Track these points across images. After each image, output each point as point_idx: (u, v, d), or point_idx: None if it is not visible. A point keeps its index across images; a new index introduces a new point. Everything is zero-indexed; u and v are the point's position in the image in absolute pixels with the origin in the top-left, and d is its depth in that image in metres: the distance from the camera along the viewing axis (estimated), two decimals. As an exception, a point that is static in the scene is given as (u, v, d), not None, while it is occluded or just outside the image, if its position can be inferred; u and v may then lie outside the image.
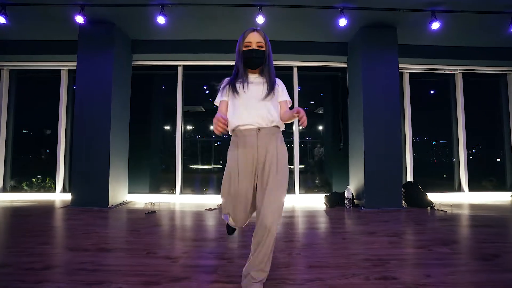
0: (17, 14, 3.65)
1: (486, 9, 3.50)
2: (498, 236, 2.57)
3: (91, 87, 3.91)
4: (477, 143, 5.28)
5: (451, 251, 2.14)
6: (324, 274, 1.73)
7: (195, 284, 1.59)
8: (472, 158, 5.15)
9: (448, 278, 1.66)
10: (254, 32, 1.48)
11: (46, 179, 4.84)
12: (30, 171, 4.88)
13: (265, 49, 1.49)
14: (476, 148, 5.30)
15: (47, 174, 4.85)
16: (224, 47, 4.49)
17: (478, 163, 5.22)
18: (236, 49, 1.54)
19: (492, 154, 5.33)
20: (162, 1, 3.43)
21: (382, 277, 1.67)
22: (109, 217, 3.31)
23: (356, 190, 4.20)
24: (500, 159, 5.27)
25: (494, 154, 5.32)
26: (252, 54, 1.45)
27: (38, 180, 4.84)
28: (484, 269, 1.81)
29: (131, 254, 2.06)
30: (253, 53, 1.45)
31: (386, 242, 2.38)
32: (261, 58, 1.48)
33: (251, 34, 1.47)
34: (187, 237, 2.53)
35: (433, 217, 3.41)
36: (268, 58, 1.51)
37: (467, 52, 4.71)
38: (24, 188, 4.80)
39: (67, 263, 1.86)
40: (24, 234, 2.55)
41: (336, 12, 3.61)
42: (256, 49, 1.45)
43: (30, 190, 4.79)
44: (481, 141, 5.31)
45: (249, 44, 1.47)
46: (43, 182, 4.84)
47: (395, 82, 4.06)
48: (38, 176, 4.85)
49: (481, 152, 5.34)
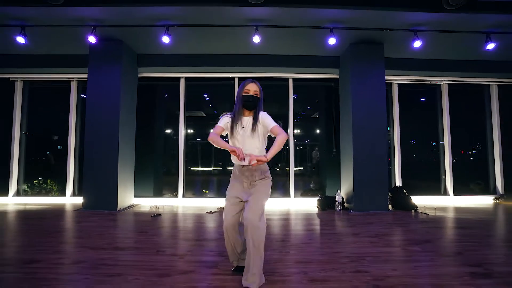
0: (33, 33, 3.97)
1: (463, 29, 3.84)
2: (467, 236, 2.88)
3: (101, 98, 4.24)
4: (465, 148, 5.61)
5: (421, 250, 2.46)
6: (307, 268, 2.04)
7: (199, 276, 1.90)
8: (455, 160, 5.46)
9: (411, 271, 1.98)
10: (253, 83, 1.92)
11: (47, 181, 5.14)
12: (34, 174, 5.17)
13: (259, 96, 1.92)
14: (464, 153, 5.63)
15: (48, 177, 5.14)
16: (222, 61, 4.83)
17: (465, 167, 5.54)
18: (236, 94, 1.97)
19: (479, 159, 5.65)
20: (167, 22, 3.76)
21: (356, 271, 1.99)
22: (118, 220, 3.63)
23: (346, 194, 4.52)
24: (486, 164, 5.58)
25: (481, 159, 5.64)
26: (249, 98, 1.88)
27: (39, 181, 5.13)
28: (445, 264, 2.12)
29: (142, 252, 2.38)
30: (250, 98, 1.88)
31: (367, 242, 2.70)
32: (255, 102, 1.90)
33: (250, 84, 1.91)
34: (190, 238, 2.85)
35: (415, 219, 3.73)
36: (259, 104, 1.93)
37: (451, 65, 5.04)
38: (25, 190, 5.08)
39: (89, 259, 2.18)
40: (45, 235, 2.86)
41: (327, 31, 3.94)
42: (252, 96, 1.88)
43: (32, 192, 5.06)
44: (469, 146, 5.64)
45: (248, 91, 1.89)
46: (44, 184, 5.13)
47: (382, 93, 4.39)
48: (39, 178, 5.13)
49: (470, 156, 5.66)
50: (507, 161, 5.41)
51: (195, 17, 3.64)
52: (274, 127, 1.86)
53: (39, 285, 1.73)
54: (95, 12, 3.52)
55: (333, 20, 3.73)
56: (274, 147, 1.76)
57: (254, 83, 1.92)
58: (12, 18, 3.63)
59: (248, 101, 1.88)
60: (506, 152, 5.41)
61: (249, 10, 3.49)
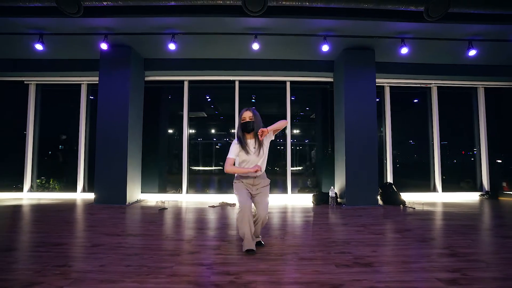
0: (49, 41, 4.29)
1: (446, 37, 4.15)
2: (445, 226, 3.19)
3: (111, 100, 4.56)
4: (455, 147, 5.92)
5: (400, 236, 2.77)
6: (299, 250, 2.35)
7: (204, 255, 2.22)
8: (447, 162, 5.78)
9: (389, 252, 2.29)
10: (247, 111, 2.39)
11: (50, 180, 5.44)
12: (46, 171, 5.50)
13: (253, 120, 2.37)
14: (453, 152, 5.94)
15: (58, 174, 5.46)
16: (224, 65, 5.15)
17: (455, 167, 5.85)
18: (238, 121, 2.46)
19: (468, 158, 5.96)
20: (173, 31, 4.07)
21: (340, 252, 2.30)
22: (128, 212, 3.95)
23: (339, 190, 4.83)
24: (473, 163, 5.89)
25: (470, 158, 5.95)
26: (246, 125, 2.36)
27: (42, 181, 5.44)
28: (419, 247, 2.43)
29: (153, 238, 2.69)
30: (247, 124, 2.36)
31: (353, 231, 3.01)
32: (252, 126, 2.36)
33: (245, 112, 2.38)
34: (195, 227, 3.17)
35: (403, 213, 4.04)
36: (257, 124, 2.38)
37: (440, 69, 5.35)
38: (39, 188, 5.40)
39: (108, 243, 2.49)
40: (64, 224, 3.18)
41: (321, 39, 4.25)
42: (248, 121, 2.35)
43: (36, 190, 5.38)
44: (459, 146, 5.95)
45: (244, 119, 2.37)
46: (47, 183, 5.44)
47: (373, 96, 4.70)
48: (42, 177, 5.44)
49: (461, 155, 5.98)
50: (492, 160, 5.72)
51: (199, 26, 3.96)
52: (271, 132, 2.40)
53: (70, 261, 2.05)
54: (107, 22, 3.85)
55: (326, 29, 4.05)
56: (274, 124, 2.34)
57: (248, 110, 2.38)
58: (31, 27, 3.95)
59: (246, 127, 2.35)
60: (491, 151, 5.72)
61: (248, 20, 3.80)
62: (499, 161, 5.90)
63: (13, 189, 5.37)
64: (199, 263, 2.04)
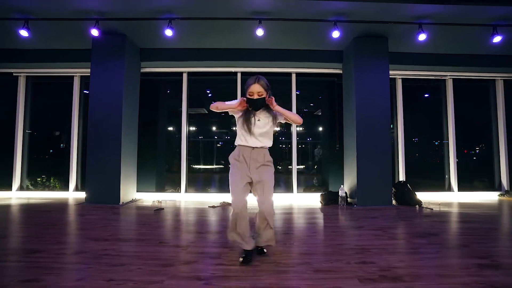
0: (36, 27, 3.97)
1: (469, 22, 3.78)
2: (472, 230, 2.85)
3: (104, 93, 4.23)
4: (470, 144, 5.56)
5: (426, 242, 2.43)
6: (311, 259, 2.02)
7: (202, 266, 1.89)
8: (458, 160, 5.42)
9: (417, 262, 1.96)
10: (255, 84, 1.87)
11: (50, 179, 5.15)
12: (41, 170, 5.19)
13: (264, 96, 1.90)
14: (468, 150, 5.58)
15: (51, 174, 5.16)
16: (226, 55, 4.80)
17: (469, 165, 5.49)
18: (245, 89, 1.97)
19: (484, 156, 5.60)
20: (170, 16, 3.73)
21: (361, 262, 1.96)
22: (121, 213, 3.63)
23: (349, 189, 4.49)
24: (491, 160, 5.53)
25: (486, 155, 5.59)
26: (255, 102, 1.90)
27: (43, 179, 5.15)
28: (450, 256, 2.09)
29: (145, 244, 2.36)
30: (256, 101, 1.90)
31: (371, 235, 2.67)
32: (262, 103, 1.91)
33: (253, 86, 1.87)
34: (193, 230, 2.84)
35: (420, 214, 3.69)
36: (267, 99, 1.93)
37: (456, 59, 4.98)
38: (29, 187, 5.10)
39: (92, 250, 2.17)
40: (48, 227, 2.86)
41: (330, 25, 3.90)
42: (257, 98, 1.89)
43: (35, 189, 5.09)
44: (473, 143, 5.59)
45: (252, 94, 1.89)
46: (47, 182, 5.15)
47: (386, 88, 4.34)
48: (42, 176, 5.15)
49: (474, 154, 5.61)
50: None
51: (198, 9, 3.61)
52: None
53: (41, 273, 1.72)
54: (98, 4, 3.51)
55: (336, 12, 3.69)
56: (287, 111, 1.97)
57: (256, 83, 1.88)
58: (15, 11, 3.62)
59: (255, 105, 1.91)
60: (511, 148, 5.35)
61: (252, 2, 3.46)
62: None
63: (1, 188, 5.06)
64: (196, 276, 1.72)
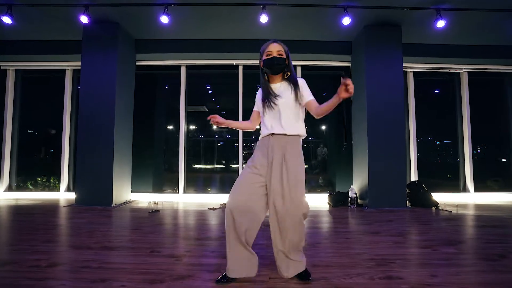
0: (23, 15, 3.68)
1: (491, 7, 3.46)
2: (505, 236, 2.53)
3: (95, 86, 3.93)
4: (482, 142, 5.24)
5: (457, 251, 2.12)
6: (328, 273, 1.71)
7: (198, 282, 1.58)
8: (476, 158, 5.10)
9: (454, 278, 1.64)
10: (274, 43, 1.61)
11: (50, 179, 4.88)
12: (35, 170, 4.93)
13: (284, 57, 1.60)
14: (481, 148, 5.26)
15: (51, 174, 4.89)
16: (227, 47, 4.49)
17: (483, 163, 5.17)
18: (259, 63, 1.67)
19: (498, 154, 5.28)
20: (166, 1, 3.43)
21: (387, 277, 1.66)
22: (112, 216, 3.33)
23: (360, 189, 4.18)
24: (506, 159, 5.21)
25: (499, 154, 5.27)
26: (274, 61, 1.57)
27: (43, 179, 4.88)
28: (491, 269, 1.78)
29: (134, 253, 2.06)
30: (275, 60, 1.57)
31: (391, 242, 2.36)
32: (282, 64, 1.59)
33: (272, 45, 1.60)
34: (190, 236, 2.53)
35: (438, 217, 3.38)
36: (289, 66, 1.63)
37: (473, 51, 4.66)
38: (29, 187, 4.85)
39: (71, 261, 1.87)
40: (28, 232, 2.56)
41: (339, 11, 3.59)
42: (277, 57, 1.57)
43: (35, 189, 4.84)
44: (486, 141, 5.26)
45: (270, 53, 1.59)
46: (47, 182, 4.88)
47: (399, 82, 4.03)
48: (42, 176, 4.89)
49: (486, 152, 5.29)
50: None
51: (196, -6, 3.32)
52: (311, 101, 1.66)
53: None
54: (86, -11, 3.22)
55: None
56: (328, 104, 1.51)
57: (276, 42, 1.61)
58: (-4, -4, 3.34)
59: (273, 64, 1.57)
60: (531, 146, 5.03)
61: (255, -15, 3.15)
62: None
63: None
64: (190, 297, 1.41)
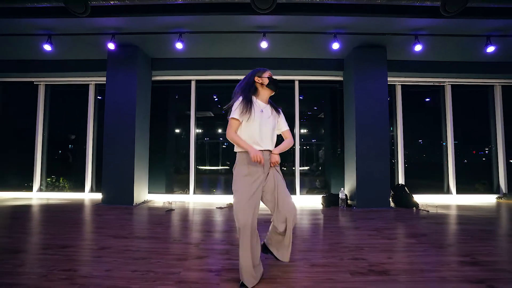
0: (57, 41, 4.29)
1: (462, 33, 3.98)
2: (463, 231, 3.05)
3: (118, 100, 4.54)
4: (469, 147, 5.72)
5: (416, 242, 2.65)
6: (309, 256, 2.26)
7: (213, 260, 2.15)
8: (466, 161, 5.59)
9: (405, 260, 2.18)
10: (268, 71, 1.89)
11: (60, 179, 5.48)
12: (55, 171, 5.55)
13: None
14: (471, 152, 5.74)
15: (60, 175, 5.50)
16: (231, 64, 5.08)
17: (470, 168, 5.65)
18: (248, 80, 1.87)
19: (484, 159, 5.75)
20: (180, 30, 4.02)
21: (354, 258, 2.20)
22: (135, 213, 3.92)
23: (349, 191, 4.71)
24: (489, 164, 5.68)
25: (486, 158, 5.74)
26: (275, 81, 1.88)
27: (53, 179, 5.48)
28: (436, 254, 2.31)
29: (160, 241, 2.64)
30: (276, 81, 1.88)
31: (366, 235, 2.90)
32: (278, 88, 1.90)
33: (269, 72, 1.88)
34: (202, 229, 3.10)
35: (416, 215, 3.89)
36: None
37: (454, 66, 5.16)
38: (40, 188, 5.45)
39: (114, 246, 2.45)
40: (72, 225, 3.16)
41: (331, 37, 4.13)
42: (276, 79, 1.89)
43: (45, 190, 5.44)
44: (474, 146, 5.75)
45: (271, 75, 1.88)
46: (57, 182, 5.48)
47: (385, 95, 4.55)
48: (52, 176, 5.49)
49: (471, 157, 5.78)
50: (510, 161, 5.49)
51: (206, 24, 3.89)
52: (287, 131, 1.96)
53: (76, 265, 2.01)
54: (114, 21, 3.81)
55: (336, 26, 3.93)
56: (282, 145, 1.85)
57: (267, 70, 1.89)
58: (39, 28, 3.95)
59: (277, 84, 1.85)
60: (509, 152, 5.49)
61: (257, 18, 3.72)
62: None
63: (24, 188, 5.42)
64: (208, 269, 1.98)
